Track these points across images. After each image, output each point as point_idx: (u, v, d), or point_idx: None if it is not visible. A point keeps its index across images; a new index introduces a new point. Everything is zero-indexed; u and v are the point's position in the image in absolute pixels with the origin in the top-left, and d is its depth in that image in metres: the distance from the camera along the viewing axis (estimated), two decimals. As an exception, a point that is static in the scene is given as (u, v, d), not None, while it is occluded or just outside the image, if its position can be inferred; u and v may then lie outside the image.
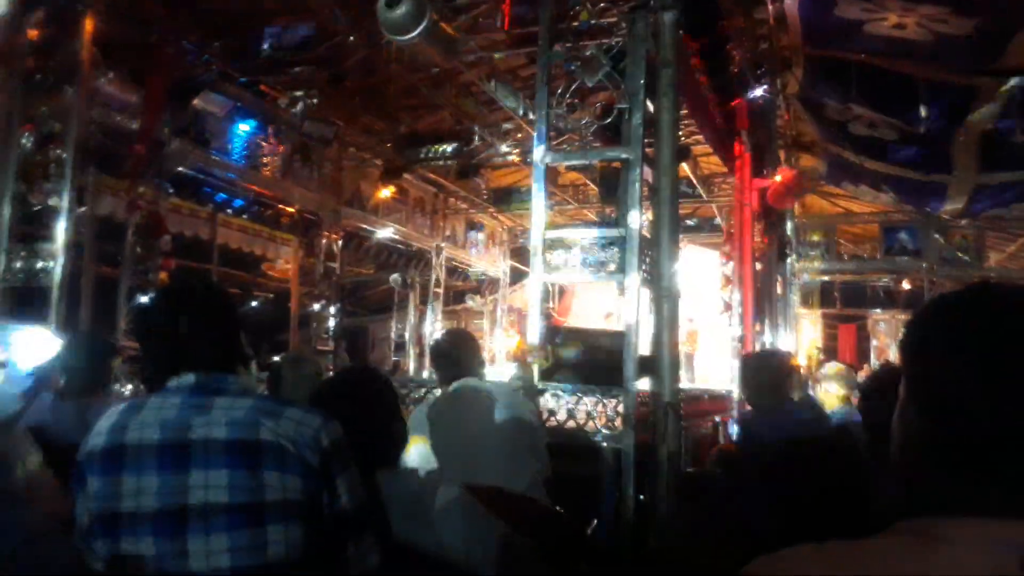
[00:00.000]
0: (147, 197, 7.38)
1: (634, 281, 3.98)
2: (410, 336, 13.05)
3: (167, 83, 7.17)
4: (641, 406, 3.88)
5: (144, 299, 6.77)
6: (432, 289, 12.97)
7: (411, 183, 11.81)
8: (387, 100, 9.50)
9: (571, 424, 4.00)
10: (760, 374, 3.54)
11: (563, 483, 2.95)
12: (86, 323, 6.57)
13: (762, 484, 1.88)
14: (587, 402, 4.02)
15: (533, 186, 4.46)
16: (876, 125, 5.84)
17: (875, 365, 11.00)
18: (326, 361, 9.34)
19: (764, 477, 1.89)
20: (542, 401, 3.96)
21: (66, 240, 5.18)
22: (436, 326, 12.75)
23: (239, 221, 9.61)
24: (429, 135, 9.97)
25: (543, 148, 4.34)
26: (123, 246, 7.33)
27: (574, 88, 4.34)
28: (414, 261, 12.91)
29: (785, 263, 10.47)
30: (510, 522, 1.83)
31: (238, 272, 10.89)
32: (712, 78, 6.65)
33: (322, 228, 10.27)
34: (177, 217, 8.40)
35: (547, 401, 4.03)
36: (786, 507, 1.65)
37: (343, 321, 11.13)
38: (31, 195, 5.21)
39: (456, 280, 14.71)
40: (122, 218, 7.29)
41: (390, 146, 10.28)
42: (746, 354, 7.08)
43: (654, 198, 4.21)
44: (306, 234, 10.53)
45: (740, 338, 8.35)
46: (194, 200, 8.68)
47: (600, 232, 4.19)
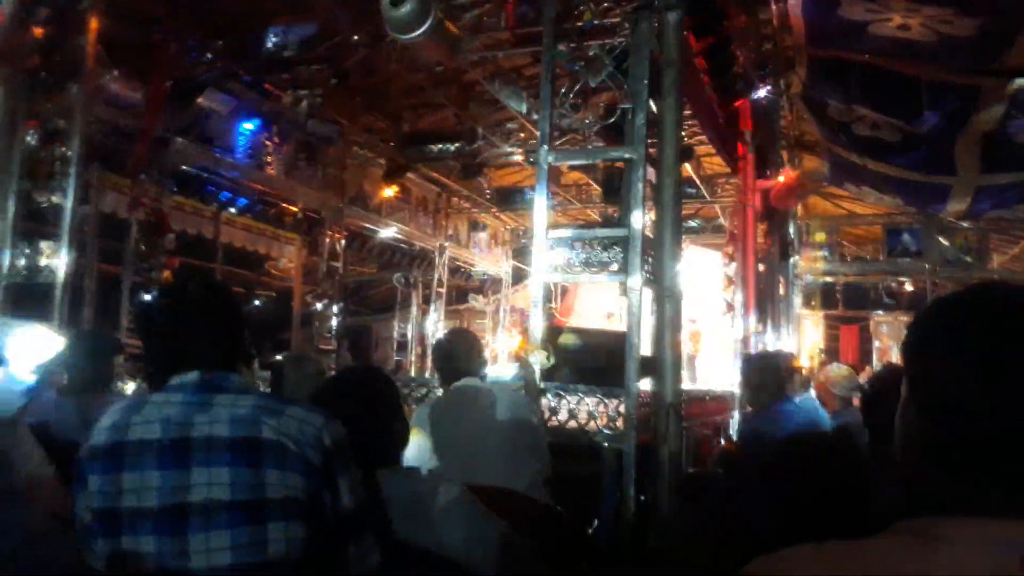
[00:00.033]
0: (151, 195, 7.38)
1: (636, 281, 3.98)
2: (412, 336, 13.06)
3: (169, 81, 7.18)
4: (642, 406, 3.88)
5: (147, 297, 6.77)
6: (435, 289, 12.97)
7: (414, 182, 11.81)
8: (389, 99, 9.49)
9: (572, 424, 4.00)
10: (762, 375, 3.56)
11: (564, 483, 2.94)
12: (89, 321, 6.57)
13: (762, 484, 1.88)
14: (588, 402, 4.03)
15: (536, 186, 4.47)
16: (879, 126, 5.83)
17: (877, 367, 10.97)
18: (328, 360, 9.35)
19: (764, 477, 1.89)
20: (544, 401, 3.97)
21: (70, 238, 5.19)
22: (439, 326, 12.74)
23: (243, 219, 9.59)
24: (432, 134, 9.97)
25: (546, 148, 4.34)
26: (127, 244, 7.34)
27: (577, 88, 4.35)
28: (417, 260, 12.90)
29: (788, 264, 10.47)
30: (510, 522, 1.83)
31: (242, 270, 10.91)
32: (715, 78, 6.65)
33: (325, 227, 10.26)
34: (181, 215, 8.40)
35: (549, 401, 4.04)
36: (786, 507, 1.66)
37: (346, 320, 11.12)
38: (35, 192, 5.23)
39: (459, 280, 14.71)
40: (126, 216, 7.29)
41: (393, 145, 10.28)
42: (748, 355, 7.07)
43: (657, 198, 4.20)
44: (309, 233, 10.53)
45: (742, 339, 8.34)
46: (198, 198, 8.67)
47: (603, 232, 4.20)
